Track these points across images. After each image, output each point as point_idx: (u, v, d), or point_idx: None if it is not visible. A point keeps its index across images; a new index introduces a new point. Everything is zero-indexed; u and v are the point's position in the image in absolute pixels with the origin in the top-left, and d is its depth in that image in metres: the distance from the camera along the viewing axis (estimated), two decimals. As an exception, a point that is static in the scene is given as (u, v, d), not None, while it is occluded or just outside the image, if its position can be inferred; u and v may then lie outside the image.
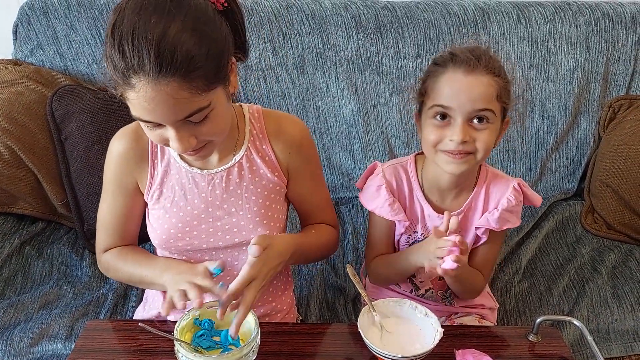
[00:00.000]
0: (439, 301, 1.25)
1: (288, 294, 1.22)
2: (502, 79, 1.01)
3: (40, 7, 1.68)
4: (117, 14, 0.80)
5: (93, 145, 1.53)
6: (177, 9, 0.78)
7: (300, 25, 1.74)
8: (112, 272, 1.12)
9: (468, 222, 1.15)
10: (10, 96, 1.55)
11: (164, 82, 0.78)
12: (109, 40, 0.79)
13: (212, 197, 1.03)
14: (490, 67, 0.99)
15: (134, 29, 0.77)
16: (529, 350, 1.01)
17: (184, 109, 0.82)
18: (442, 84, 1.00)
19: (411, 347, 0.94)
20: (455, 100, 0.99)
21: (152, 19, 0.77)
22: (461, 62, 0.99)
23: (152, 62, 0.76)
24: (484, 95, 0.98)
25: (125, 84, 0.80)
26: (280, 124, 1.06)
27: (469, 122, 0.99)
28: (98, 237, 1.12)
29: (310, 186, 1.13)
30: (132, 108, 0.84)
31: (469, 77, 0.98)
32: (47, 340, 1.28)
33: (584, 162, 1.87)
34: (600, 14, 1.79)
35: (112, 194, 1.06)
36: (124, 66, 0.78)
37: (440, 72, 1.01)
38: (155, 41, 0.76)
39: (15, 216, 1.58)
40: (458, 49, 1.02)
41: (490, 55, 1.02)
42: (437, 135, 1.02)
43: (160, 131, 0.86)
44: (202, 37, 0.80)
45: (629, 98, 1.82)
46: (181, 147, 0.86)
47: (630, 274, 1.56)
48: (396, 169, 1.15)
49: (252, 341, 0.86)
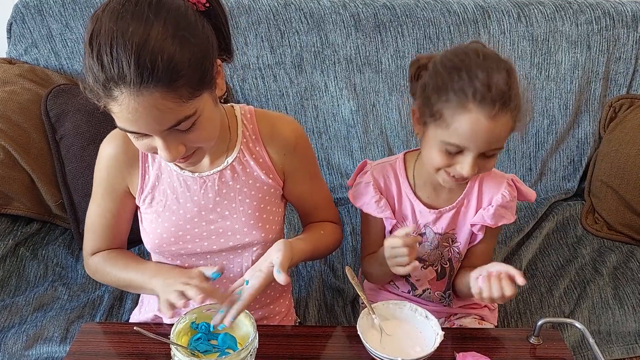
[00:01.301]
0: (436, 302, 1.24)
1: (286, 296, 1.21)
2: (518, 109, 0.95)
3: (35, 5, 1.68)
4: (94, 23, 0.76)
5: (88, 145, 1.51)
6: (155, 15, 0.76)
7: (299, 23, 1.73)
8: (99, 275, 1.10)
9: (461, 218, 1.14)
10: (5, 95, 1.54)
11: (147, 92, 0.76)
12: (88, 50, 0.76)
13: (204, 201, 1.02)
14: (512, 103, 0.93)
15: (112, 38, 0.74)
16: (530, 353, 1.01)
17: (169, 119, 0.80)
18: (462, 124, 0.93)
19: (411, 350, 0.93)
20: (472, 142, 0.95)
21: (130, 27, 0.74)
22: (486, 104, 0.91)
23: (133, 73, 0.74)
24: (503, 136, 0.95)
25: (107, 96, 0.77)
26: (273, 125, 1.04)
27: (483, 153, 0.98)
28: (86, 240, 1.10)
29: (308, 185, 1.12)
30: (117, 119, 0.81)
31: (492, 122, 0.92)
32: (42, 343, 1.27)
33: (585, 162, 1.86)
34: (601, 13, 1.79)
35: (101, 197, 1.05)
36: (104, 78, 0.75)
37: (460, 107, 0.93)
38: (134, 50, 0.73)
39: (10, 217, 1.57)
40: (482, 80, 0.91)
41: (511, 80, 0.93)
42: (445, 162, 0.99)
43: (147, 141, 0.84)
44: (183, 43, 0.77)
45: (629, 97, 1.82)
46: (169, 156, 0.84)
47: (631, 275, 1.55)
48: (384, 167, 1.15)
49: (250, 344, 0.85)
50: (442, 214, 1.12)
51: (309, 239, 1.09)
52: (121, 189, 1.04)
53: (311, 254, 1.07)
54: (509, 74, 0.94)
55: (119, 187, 1.03)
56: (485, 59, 0.94)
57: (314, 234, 1.13)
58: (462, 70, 0.94)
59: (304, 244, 1.04)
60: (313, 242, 1.08)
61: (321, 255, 1.15)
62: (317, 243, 1.10)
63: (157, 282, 0.97)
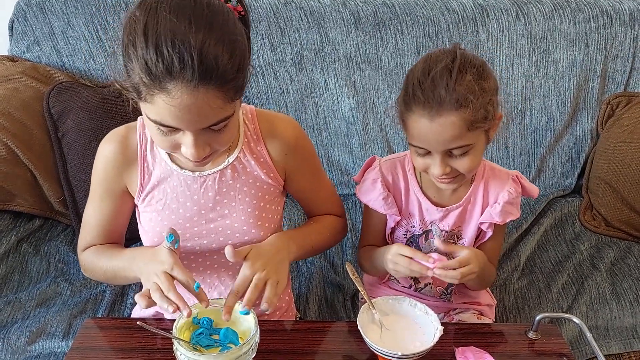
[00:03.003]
0: (437, 297, 1.25)
1: (286, 291, 1.21)
2: (473, 105, 0.93)
3: (37, 2, 1.68)
4: (147, 14, 0.76)
5: (90, 141, 1.52)
6: (213, 18, 0.77)
7: (299, 21, 1.74)
8: (90, 271, 1.10)
9: (467, 216, 1.15)
10: (7, 92, 1.54)
11: (203, 89, 0.77)
12: (141, 41, 0.75)
13: (204, 200, 1.02)
14: (455, 102, 0.93)
15: (174, 33, 0.74)
16: (529, 348, 1.01)
17: (212, 117, 0.81)
18: (412, 127, 0.98)
19: (411, 345, 0.94)
20: (426, 143, 0.98)
21: (193, 25, 0.75)
22: (423, 106, 0.94)
23: (196, 69, 0.75)
24: (453, 136, 0.96)
25: (157, 88, 0.77)
26: (274, 125, 1.05)
27: (448, 153, 0.99)
28: (81, 237, 1.10)
29: (311, 182, 1.13)
30: (154, 112, 0.80)
31: (433, 123, 0.94)
32: (45, 338, 1.28)
33: (583, 159, 1.87)
34: (598, 11, 1.79)
35: (99, 197, 1.05)
36: (162, 70, 0.75)
37: (409, 111, 0.98)
38: (197, 48, 0.74)
39: (12, 213, 1.57)
40: (416, 79, 0.95)
41: (456, 78, 0.93)
42: (421, 164, 1.03)
43: (176, 137, 0.84)
44: (236, 47, 0.79)
45: (627, 95, 1.83)
46: (196, 153, 0.84)
47: (628, 271, 1.56)
48: (393, 163, 1.16)
49: (251, 339, 0.86)
50: (449, 212, 1.13)
51: (302, 233, 1.11)
52: (119, 188, 1.04)
53: (297, 233, 1.09)
54: (462, 74, 0.93)
55: (117, 187, 1.04)
56: (434, 62, 0.96)
57: (306, 227, 1.16)
58: (410, 74, 0.99)
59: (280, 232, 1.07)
60: (298, 228, 1.11)
61: (317, 238, 1.14)
62: (306, 226, 1.14)
63: (136, 268, 0.96)
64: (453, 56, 0.95)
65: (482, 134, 1.00)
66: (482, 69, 0.97)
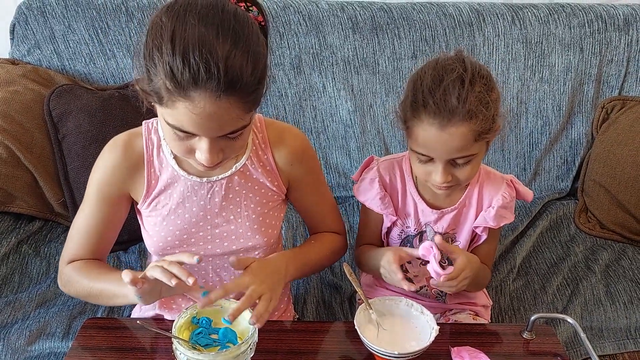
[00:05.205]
0: (432, 298, 1.26)
1: (285, 292, 1.22)
2: (483, 116, 0.94)
3: (38, 6, 1.69)
4: (175, 20, 0.76)
5: (90, 144, 1.53)
6: (239, 29, 0.77)
7: (297, 26, 1.75)
8: (69, 286, 1.06)
9: (462, 219, 1.16)
10: (8, 95, 1.55)
11: (225, 99, 0.77)
12: (168, 47, 0.75)
13: (210, 205, 1.03)
14: (466, 113, 0.93)
15: (201, 42, 0.74)
16: (524, 348, 1.03)
17: (231, 126, 0.82)
18: (418, 134, 0.98)
19: (407, 345, 0.95)
20: (432, 151, 0.98)
21: (220, 35, 0.75)
22: (434, 115, 0.94)
23: (222, 80, 0.75)
24: (461, 147, 0.97)
25: (181, 95, 0.77)
26: (282, 135, 1.06)
27: (452, 162, 1.00)
28: (66, 248, 1.07)
29: (313, 196, 1.15)
30: (173, 117, 0.81)
31: (443, 132, 0.95)
32: (45, 338, 1.29)
33: (578, 162, 1.88)
34: (593, 16, 1.80)
35: (95, 203, 1.03)
36: (187, 78, 0.75)
37: (416, 118, 0.97)
38: (223, 59, 0.75)
39: (13, 215, 1.58)
40: (427, 87, 0.95)
41: (468, 89, 0.93)
42: (422, 171, 1.04)
43: (192, 142, 0.85)
44: (258, 60, 0.80)
45: (621, 99, 1.84)
46: (210, 159, 0.85)
47: (623, 273, 1.57)
48: (391, 164, 1.17)
49: (250, 339, 0.87)
50: (443, 215, 1.15)
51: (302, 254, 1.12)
52: (119, 194, 1.03)
53: (297, 254, 1.10)
54: (473, 85, 0.94)
55: (117, 193, 1.03)
56: (445, 70, 0.95)
57: (305, 242, 1.18)
58: (418, 80, 0.98)
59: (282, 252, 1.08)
60: (298, 248, 1.14)
61: (315, 260, 1.14)
62: (306, 247, 1.15)
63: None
64: (463, 65, 0.95)
65: (484, 144, 1.02)
66: (488, 79, 0.97)
